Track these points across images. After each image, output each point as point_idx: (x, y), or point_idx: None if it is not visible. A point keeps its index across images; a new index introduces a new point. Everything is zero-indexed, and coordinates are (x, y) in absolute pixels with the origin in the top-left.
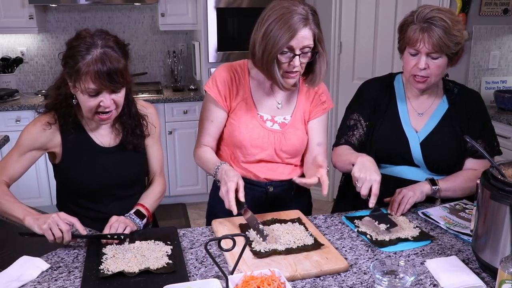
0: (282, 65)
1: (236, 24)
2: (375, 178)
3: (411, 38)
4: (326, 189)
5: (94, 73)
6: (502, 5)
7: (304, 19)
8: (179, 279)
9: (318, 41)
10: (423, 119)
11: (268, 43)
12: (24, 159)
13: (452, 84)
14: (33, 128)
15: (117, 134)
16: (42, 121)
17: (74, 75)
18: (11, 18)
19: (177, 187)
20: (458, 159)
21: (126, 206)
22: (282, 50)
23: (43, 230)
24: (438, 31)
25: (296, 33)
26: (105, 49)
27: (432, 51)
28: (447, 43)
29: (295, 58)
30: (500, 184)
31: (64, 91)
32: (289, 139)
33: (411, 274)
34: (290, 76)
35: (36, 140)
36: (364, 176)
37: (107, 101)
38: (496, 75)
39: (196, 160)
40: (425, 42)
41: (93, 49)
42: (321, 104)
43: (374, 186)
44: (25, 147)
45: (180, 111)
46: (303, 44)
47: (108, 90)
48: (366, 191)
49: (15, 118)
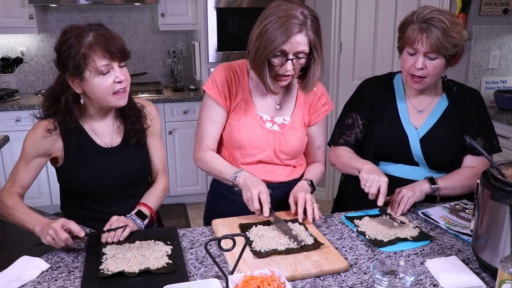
0: (275, 68)
1: (236, 24)
2: (384, 179)
3: (409, 38)
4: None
5: (100, 48)
6: (502, 5)
7: (300, 24)
8: (179, 279)
9: (314, 47)
10: (422, 116)
11: (262, 43)
12: (31, 167)
13: (451, 83)
14: (34, 136)
15: (118, 132)
16: (42, 127)
17: (81, 61)
18: (11, 18)
19: (177, 187)
20: (457, 156)
21: (131, 206)
22: (274, 53)
23: (48, 242)
24: (437, 32)
25: (290, 38)
26: (97, 31)
27: (429, 51)
28: (445, 44)
29: (288, 62)
30: (500, 184)
31: (65, 97)
32: (289, 140)
33: (411, 274)
34: (282, 79)
35: (39, 147)
36: (373, 177)
37: (120, 74)
38: (496, 75)
39: (200, 164)
40: (423, 42)
41: (84, 34)
42: (322, 106)
43: (383, 186)
44: (30, 155)
45: (180, 111)
46: (297, 49)
47: (118, 61)
48: (375, 190)
49: (15, 118)
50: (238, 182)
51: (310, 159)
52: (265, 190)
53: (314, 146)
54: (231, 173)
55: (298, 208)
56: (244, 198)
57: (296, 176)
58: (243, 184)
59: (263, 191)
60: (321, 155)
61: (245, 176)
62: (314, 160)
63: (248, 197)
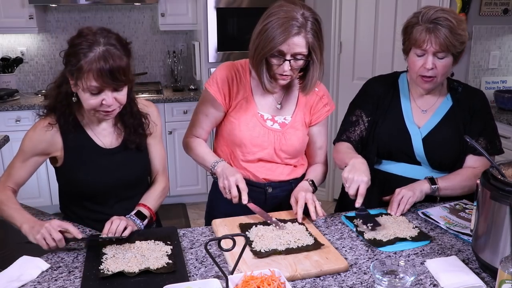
0: (273, 67)
1: (236, 24)
2: (363, 179)
3: (417, 39)
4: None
5: (96, 71)
6: (502, 5)
7: (299, 26)
8: (179, 279)
9: (313, 49)
10: (426, 116)
11: (261, 42)
12: (28, 165)
13: (457, 83)
14: (33, 134)
15: (119, 134)
16: (42, 124)
17: (76, 73)
18: (11, 18)
19: (177, 187)
20: (459, 156)
21: (131, 207)
22: (272, 53)
23: (37, 240)
24: (444, 31)
25: (287, 39)
26: (107, 47)
27: (439, 50)
28: (453, 42)
29: (285, 62)
30: (500, 184)
31: (65, 90)
32: (289, 139)
33: (411, 274)
34: (281, 78)
35: (37, 145)
36: (352, 177)
37: (109, 100)
38: (496, 75)
39: (186, 149)
40: (432, 43)
41: (95, 47)
42: (323, 107)
43: (361, 186)
44: (27, 153)
45: (180, 111)
46: (295, 50)
47: (111, 88)
48: (353, 191)
49: (15, 118)
50: (216, 170)
51: (312, 160)
52: (242, 179)
53: (316, 147)
54: (211, 161)
55: (298, 208)
56: (220, 185)
57: (297, 175)
58: (220, 173)
59: (240, 180)
60: (323, 156)
61: (223, 165)
62: (315, 161)
63: (225, 184)
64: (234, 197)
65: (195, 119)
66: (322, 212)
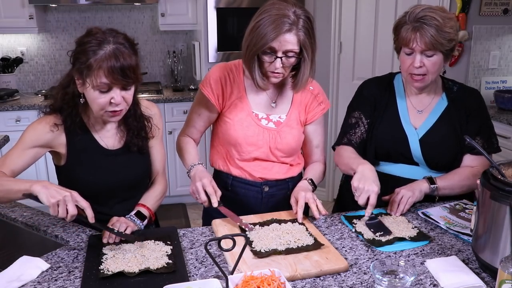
0: (265, 64)
1: (236, 24)
2: (373, 189)
3: (404, 38)
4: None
5: (107, 68)
6: (502, 5)
7: (291, 24)
8: (179, 279)
9: (304, 47)
10: (422, 116)
11: (252, 39)
12: (27, 155)
13: (452, 83)
14: (39, 126)
15: (121, 136)
16: (49, 121)
17: (85, 70)
18: (11, 18)
19: (177, 187)
20: (457, 156)
21: (131, 208)
22: (263, 50)
23: (50, 203)
24: (430, 29)
25: (279, 36)
26: (117, 45)
27: (425, 49)
28: (440, 40)
29: (277, 60)
30: (500, 184)
31: (71, 90)
32: (284, 137)
33: (411, 274)
34: (272, 75)
35: (40, 137)
36: (362, 187)
37: (118, 97)
38: (496, 75)
39: (176, 146)
40: (418, 41)
41: (105, 45)
42: (318, 105)
43: (372, 196)
44: (28, 143)
45: (180, 111)
46: (286, 48)
47: (120, 86)
48: (363, 201)
49: (15, 118)
50: (190, 175)
51: (310, 158)
52: (208, 183)
53: (312, 145)
54: (189, 164)
55: (298, 208)
56: (190, 191)
57: (293, 174)
58: (192, 178)
59: (206, 184)
60: (320, 155)
61: (196, 169)
62: (313, 160)
63: (193, 189)
64: (203, 202)
65: (188, 118)
66: (324, 210)
